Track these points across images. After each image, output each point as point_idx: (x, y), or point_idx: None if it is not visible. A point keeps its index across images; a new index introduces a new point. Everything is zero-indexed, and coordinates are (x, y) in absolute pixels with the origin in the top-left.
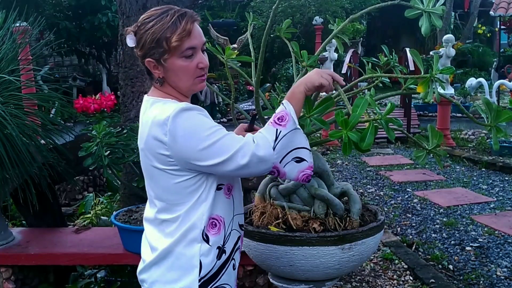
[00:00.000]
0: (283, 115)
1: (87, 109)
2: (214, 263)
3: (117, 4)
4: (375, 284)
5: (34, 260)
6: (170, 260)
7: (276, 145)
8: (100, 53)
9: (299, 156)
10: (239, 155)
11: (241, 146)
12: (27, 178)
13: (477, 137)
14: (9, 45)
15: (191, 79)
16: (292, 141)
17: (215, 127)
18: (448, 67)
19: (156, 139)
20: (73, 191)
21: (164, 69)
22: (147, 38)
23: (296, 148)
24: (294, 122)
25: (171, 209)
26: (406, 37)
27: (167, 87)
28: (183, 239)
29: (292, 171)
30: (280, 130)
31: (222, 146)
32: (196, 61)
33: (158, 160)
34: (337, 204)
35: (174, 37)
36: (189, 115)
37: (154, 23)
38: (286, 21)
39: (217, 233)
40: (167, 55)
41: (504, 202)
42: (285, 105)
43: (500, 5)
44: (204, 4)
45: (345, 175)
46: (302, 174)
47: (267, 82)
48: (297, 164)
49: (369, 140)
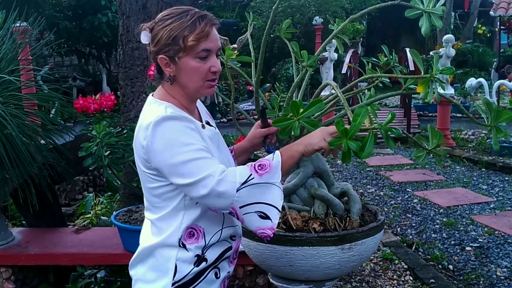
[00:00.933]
0: (264, 164)
1: (87, 109)
2: (190, 269)
3: (117, 4)
4: (375, 284)
5: (34, 260)
6: (152, 260)
7: (242, 189)
8: (100, 53)
9: (265, 212)
10: (200, 184)
11: (205, 176)
12: (27, 178)
13: (477, 137)
14: (9, 45)
15: (201, 81)
16: (262, 193)
17: (190, 146)
18: (448, 67)
19: (139, 141)
20: (73, 191)
21: (177, 67)
22: (163, 34)
23: (265, 203)
24: (273, 176)
25: (153, 210)
26: (406, 37)
27: (175, 87)
28: (163, 242)
29: (251, 223)
30: (253, 177)
31: (188, 169)
32: (210, 64)
33: (140, 162)
34: (337, 204)
35: (191, 36)
36: (169, 126)
37: (173, 21)
38: (286, 21)
39: (194, 242)
40: (182, 53)
41: (504, 202)
42: (275, 156)
43: (500, 5)
44: (204, 4)
45: (345, 175)
46: (260, 232)
47: (267, 82)
48: (260, 219)
49: (369, 149)
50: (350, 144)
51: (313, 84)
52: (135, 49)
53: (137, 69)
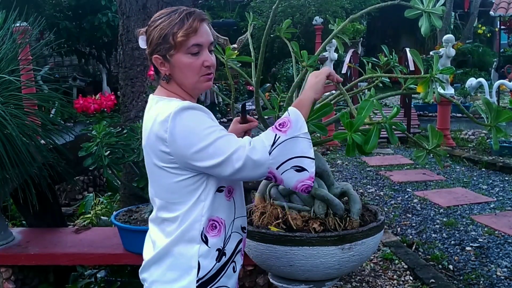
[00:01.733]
0: (284, 121)
1: (87, 109)
2: (213, 264)
3: (117, 4)
4: (375, 284)
5: (34, 260)
6: (170, 260)
7: (273, 150)
8: (100, 53)
9: (299, 165)
10: (233, 158)
11: (236, 149)
12: (27, 178)
13: (477, 137)
14: (9, 45)
15: (196, 77)
16: (292, 148)
17: (213, 127)
18: (448, 67)
19: (158, 136)
20: (73, 191)
21: (170, 65)
22: (155, 35)
23: (297, 157)
24: (297, 129)
25: (170, 208)
26: (406, 37)
27: (173, 85)
28: (182, 239)
29: (290, 179)
30: (279, 136)
31: (217, 148)
32: (202, 59)
33: (158, 158)
34: (337, 204)
35: (180, 32)
36: (190, 114)
37: (163, 20)
38: (286, 21)
39: (217, 235)
40: (173, 50)
41: (504, 202)
42: (290, 111)
43: (500, 5)
44: (204, 4)
45: (345, 175)
46: (301, 184)
47: (267, 82)
48: (297, 173)
49: (373, 143)
50: (355, 137)
51: None
52: (135, 49)
53: (137, 69)
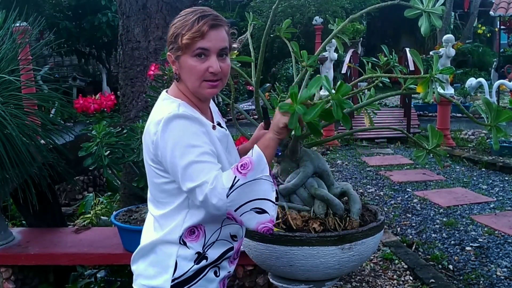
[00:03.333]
0: (246, 162)
1: (87, 109)
2: (190, 266)
3: (117, 4)
4: (375, 284)
5: (34, 260)
6: (152, 256)
7: (231, 193)
8: (100, 53)
9: (260, 207)
10: (197, 191)
11: (201, 183)
12: (27, 178)
13: (477, 137)
14: (9, 45)
15: (198, 81)
16: (252, 191)
17: (194, 148)
18: (448, 67)
19: (149, 135)
20: (73, 191)
21: (179, 65)
22: (169, 32)
23: (258, 199)
24: (259, 171)
25: (157, 205)
26: (406, 37)
27: (182, 85)
28: (164, 238)
29: (250, 221)
30: (238, 179)
31: (189, 173)
32: (207, 64)
33: (148, 156)
34: (337, 204)
35: (187, 35)
36: (179, 124)
37: (179, 20)
38: (286, 21)
39: (194, 240)
40: (180, 51)
41: (504, 202)
42: (253, 152)
43: (500, 5)
44: (204, 4)
45: (345, 175)
46: (262, 226)
47: (267, 82)
48: (257, 215)
49: (314, 114)
50: (297, 108)
51: None
52: (135, 49)
53: (137, 69)
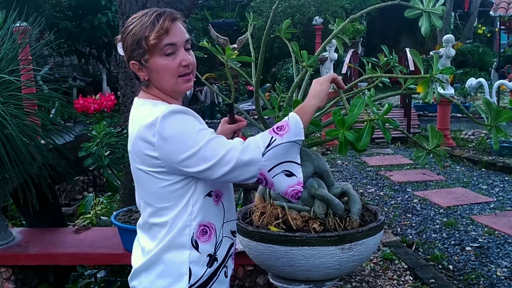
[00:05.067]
0: (283, 125)
1: (87, 109)
2: (204, 270)
3: (117, 4)
4: (375, 284)
5: (34, 260)
6: (160, 267)
7: (267, 152)
8: (100, 53)
9: (289, 170)
10: (224, 160)
11: (227, 151)
12: (27, 178)
13: (477, 137)
14: (9, 45)
15: (174, 78)
16: (286, 153)
17: (203, 131)
18: (448, 67)
19: (145, 140)
20: (73, 191)
21: (147, 70)
22: (128, 41)
23: (289, 162)
24: (294, 134)
25: (158, 213)
26: (406, 37)
27: (154, 90)
28: (172, 245)
29: (281, 183)
30: (275, 139)
31: (208, 151)
32: (179, 59)
33: (144, 163)
34: (337, 204)
35: (152, 35)
36: (178, 118)
37: (135, 25)
38: (286, 21)
39: (207, 240)
40: (148, 55)
41: (504, 202)
42: (290, 116)
43: (500, 5)
44: (204, 4)
45: (345, 175)
46: (291, 189)
47: (267, 82)
48: (287, 178)
49: (365, 140)
50: (347, 135)
51: None
52: None
53: None
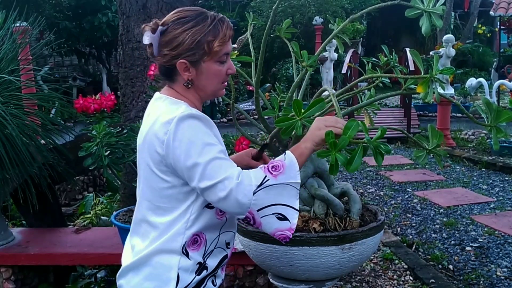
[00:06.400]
0: (278, 165)
1: (87, 109)
2: (192, 278)
3: (117, 4)
4: (375, 284)
5: (34, 260)
6: (148, 269)
7: (258, 191)
8: (100, 53)
9: (283, 213)
10: (218, 187)
11: (224, 178)
12: (27, 178)
13: (477, 137)
14: (9, 45)
15: (220, 84)
16: (279, 194)
17: (212, 146)
18: (448, 67)
19: (157, 136)
20: (73, 191)
21: (197, 71)
22: (185, 39)
23: (282, 205)
24: (289, 176)
25: (155, 212)
26: (406, 37)
27: (190, 90)
28: (163, 249)
29: (269, 225)
30: (268, 178)
31: (206, 170)
32: (227, 67)
33: (152, 159)
34: (337, 204)
35: (216, 41)
36: (194, 124)
37: (194, 24)
38: (286, 21)
39: (196, 249)
40: (206, 57)
41: (504, 202)
42: (286, 156)
43: (500, 5)
44: (204, 4)
45: (345, 175)
46: (279, 233)
47: (267, 82)
48: (278, 221)
49: (357, 164)
50: (338, 158)
51: (313, 84)
52: (135, 49)
53: (137, 69)
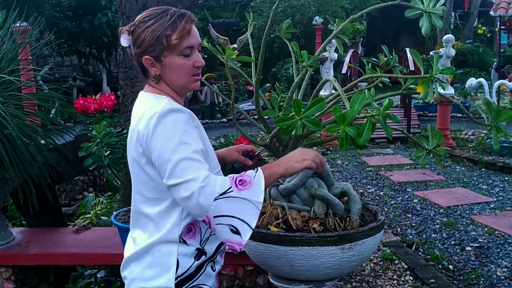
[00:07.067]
0: (246, 180)
1: (87, 109)
2: (191, 263)
3: (117, 4)
4: (375, 284)
5: (34, 260)
6: (149, 258)
7: (219, 199)
8: (100, 53)
9: (237, 227)
10: (183, 187)
11: (190, 179)
12: (27, 178)
13: (477, 137)
14: (9, 45)
15: (187, 77)
16: (239, 209)
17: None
18: (448, 67)
19: (139, 131)
20: (73, 191)
21: (162, 66)
22: (146, 36)
23: (239, 219)
24: (253, 194)
25: (148, 203)
26: (406, 37)
27: (162, 85)
28: (163, 240)
29: (221, 233)
30: (232, 190)
31: (176, 169)
32: (193, 60)
33: (136, 152)
34: (337, 204)
35: (174, 35)
36: (174, 119)
37: (154, 21)
38: (286, 21)
39: (192, 237)
40: (166, 52)
41: (504, 202)
42: (257, 173)
43: (500, 5)
44: (204, 4)
45: (345, 175)
46: (229, 244)
47: (267, 82)
48: (230, 233)
49: (366, 136)
50: (347, 130)
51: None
52: None
53: (137, 69)
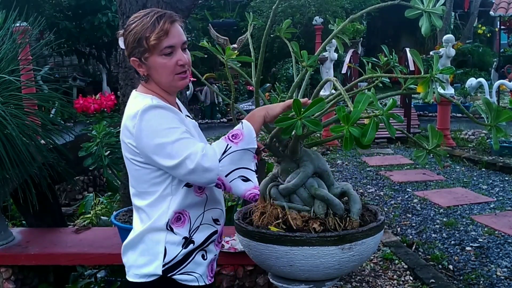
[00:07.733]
0: (237, 133)
1: (87, 109)
2: (178, 251)
3: (117, 4)
4: (375, 284)
5: (34, 260)
6: (142, 246)
7: (223, 158)
8: (100, 53)
9: (245, 175)
10: (187, 161)
11: (190, 153)
12: (27, 178)
13: (477, 137)
14: (9, 45)
15: (171, 76)
16: (240, 159)
17: (175, 129)
18: (448, 67)
19: (127, 129)
20: (73, 191)
21: (146, 67)
22: (130, 39)
23: (244, 168)
24: (247, 143)
25: (140, 196)
26: (406, 37)
27: (152, 84)
28: (152, 227)
29: (238, 187)
30: (230, 146)
31: (173, 149)
32: (176, 59)
33: (127, 150)
34: (337, 204)
35: (152, 36)
36: (156, 113)
37: (136, 24)
38: (286, 21)
39: (180, 225)
40: (148, 53)
41: (504, 202)
42: (243, 124)
43: (500, 5)
44: (204, 4)
45: (345, 175)
46: (249, 193)
47: (267, 82)
48: (243, 183)
49: (371, 136)
50: (352, 130)
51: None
52: None
53: None
